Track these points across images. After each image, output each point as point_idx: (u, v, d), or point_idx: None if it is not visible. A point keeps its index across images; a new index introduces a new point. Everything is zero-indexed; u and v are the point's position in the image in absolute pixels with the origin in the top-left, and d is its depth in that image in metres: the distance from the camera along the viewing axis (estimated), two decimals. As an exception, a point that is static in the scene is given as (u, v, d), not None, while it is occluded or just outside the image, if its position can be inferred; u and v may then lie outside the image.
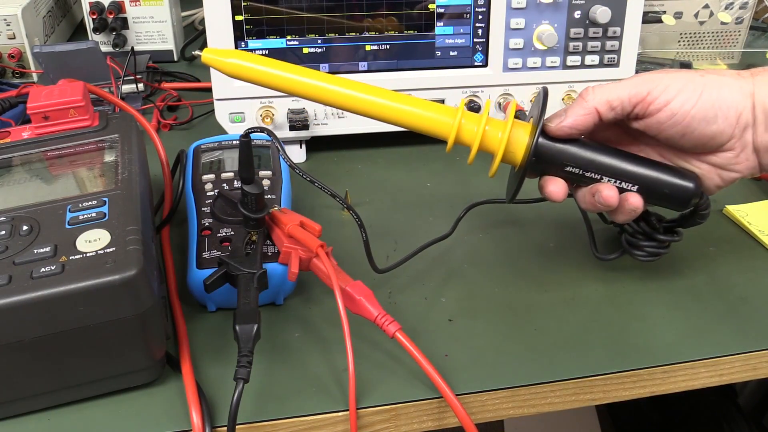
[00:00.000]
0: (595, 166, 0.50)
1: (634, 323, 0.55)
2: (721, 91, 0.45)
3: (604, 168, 0.50)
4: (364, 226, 0.56)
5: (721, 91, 0.45)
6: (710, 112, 0.45)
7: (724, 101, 0.45)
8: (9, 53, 0.92)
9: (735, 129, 0.46)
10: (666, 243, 0.57)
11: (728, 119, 0.45)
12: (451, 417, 0.49)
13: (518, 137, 0.50)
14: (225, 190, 0.60)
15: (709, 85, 0.46)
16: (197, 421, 0.45)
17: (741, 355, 0.53)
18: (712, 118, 0.45)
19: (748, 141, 0.46)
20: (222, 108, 0.74)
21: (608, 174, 0.50)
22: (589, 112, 0.48)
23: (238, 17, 0.71)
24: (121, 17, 0.98)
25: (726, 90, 0.45)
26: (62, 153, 0.55)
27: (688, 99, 0.45)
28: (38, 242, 0.45)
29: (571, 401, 0.51)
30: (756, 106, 0.45)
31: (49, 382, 0.45)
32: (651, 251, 0.57)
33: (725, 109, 0.45)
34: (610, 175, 0.50)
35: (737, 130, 0.46)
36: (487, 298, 0.58)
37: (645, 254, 0.57)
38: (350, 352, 0.46)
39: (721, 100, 0.45)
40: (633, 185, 0.50)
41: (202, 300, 0.55)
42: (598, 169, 0.50)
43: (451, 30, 0.74)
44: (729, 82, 0.46)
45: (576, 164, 0.50)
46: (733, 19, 0.98)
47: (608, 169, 0.50)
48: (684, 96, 0.46)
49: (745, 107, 0.45)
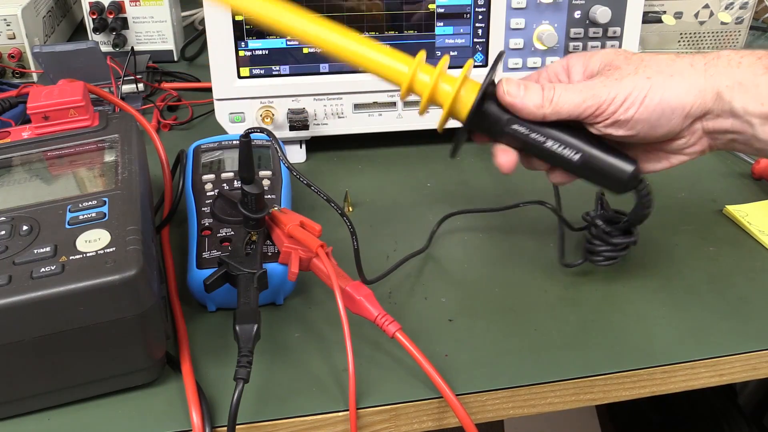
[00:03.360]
0: (539, 130, 0.49)
1: (634, 323, 0.55)
2: (666, 93, 0.45)
3: (548, 133, 0.49)
4: (356, 234, 0.55)
5: (666, 92, 0.45)
6: (653, 116, 0.45)
7: (669, 103, 0.45)
8: (9, 53, 0.92)
9: (683, 125, 0.46)
10: (621, 245, 0.57)
11: (673, 120, 0.46)
12: (451, 417, 0.49)
13: (467, 95, 0.49)
14: (225, 190, 0.60)
15: (654, 87, 0.45)
16: (197, 421, 0.45)
17: (741, 355, 0.53)
18: (656, 121, 0.45)
19: (697, 129, 0.47)
20: (222, 108, 0.74)
21: (552, 138, 0.49)
22: (539, 111, 0.47)
23: (238, 17, 0.71)
24: (121, 17, 0.98)
25: (672, 91, 0.45)
26: (62, 153, 0.55)
27: (632, 105, 0.46)
28: (38, 242, 0.45)
29: (571, 401, 0.51)
30: (707, 97, 0.45)
31: (49, 382, 0.45)
32: (608, 255, 0.58)
33: (669, 112, 0.45)
34: (554, 139, 0.49)
35: (685, 123, 0.46)
36: (487, 298, 0.58)
37: (603, 259, 0.58)
38: (350, 352, 0.46)
39: (666, 102, 0.45)
40: (575, 153, 0.49)
41: (202, 300, 0.55)
42: (541, 133, 0.49)
43: (451, 30, 0.74)
44: (677, 81, 0.45)
45: (520, 128, 0.49)
46: (733, 19, 0.98)
47: (552, 135, 0.49)
48: (629, 103, 0.46)
49: (693, 103, 0.45)
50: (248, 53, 0.72)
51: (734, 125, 0.45)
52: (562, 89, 0.48)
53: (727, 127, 0.46)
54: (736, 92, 0.45)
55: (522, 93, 0.48)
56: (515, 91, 0.48)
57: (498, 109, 0.50)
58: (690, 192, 0.71)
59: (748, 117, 0.45)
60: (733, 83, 0.45)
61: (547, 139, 0.50)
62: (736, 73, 0.45)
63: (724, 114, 0.45)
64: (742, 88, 0.44)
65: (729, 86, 0.45)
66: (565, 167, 0.51)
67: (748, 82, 0.44)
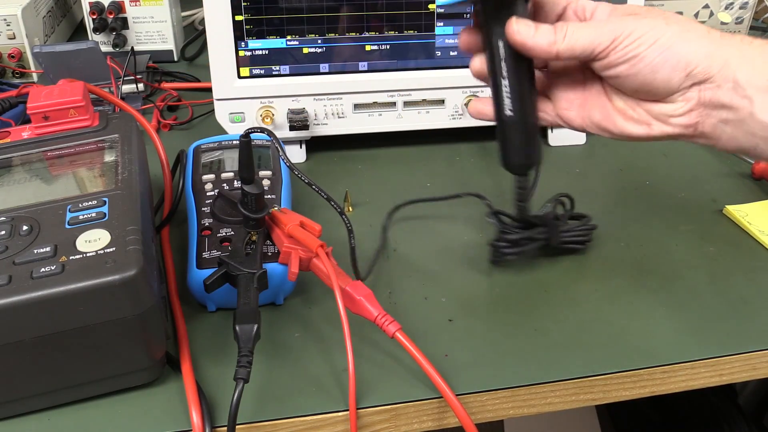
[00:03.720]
0: (510, 66, 0.49)
1: (634, 323, 0.55)
2: (678, 43, 0.45)
3: (513, 75, 0.49)
4: (353, 232, 0.56)
5: (679, 43, 0.45)
6: (659, 59, 0.45)
7: (678, 52, 0.45)
8: (9, 53, 0.92)
9: (682, 83, 0.45)
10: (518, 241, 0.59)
11: (676, 72, 0.45)
12: (451, 417, 0.49)
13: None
14: (225, 190, 0.60)
15: (669, 33, 0.45)
16: (197, 421, 0.45)
17: (741, 355, 0.53)
18: (660, 65, 0.45)
19: (692, 96, 0.45)
20: (222, 108, 0.74)
21: (511, 81, 0.49)
22: (553, 48, 0.46)
23: (238, 17, 0.71)
24: (121, 17, 0.98)
25: (685, 43, 0.45)
26: (62, 153, 0.55)
27: (644, 42, 0.45)
28: (38, 242, 0.45)
29: (571, 401, 0.51)
30: (713, 63, 0.44)
31: (49, 382, 0.45)
32: (503, 250, 0.59)
33: (675, 62, 0.45)
34: (511, 84, 0.49)
35: (685, 83, 0.45)
36: (487, 298, 0.58)
37: (497, 252, 0.59)
38: (350, 352, 0.46)
39: (676, 50, 0.45)
40: (512, 110, 0.49)
41: (202, 300, 0.55)
42: (509, 70, 0.49)
43: (451, 30, 0.74)
44: (692, 37, 0.45)
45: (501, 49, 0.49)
46: (733, 19, 0.98)
47: (513, 79, 0.49)
48: (642, 39, 0.45)
49: (700, 63, 0.44)
50: (248, 53, 0.72)
51: (733, 100, 0.44)
52: (575, 26, 0.47)
53: (725, 101, 0.44)
54: (743, 64, 0.44)
55: (532, 32, 0.47)
56: (525, 30, 0.47)
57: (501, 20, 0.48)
58: (690, 192, 0.71)
59: (751, 91, 0.44)
60: (742, 56, 0.44)
61: (507, 78, 0.49)
62: (746, 49, 0.45)
63: (725, 84, 0.44)
64: (750, 62, 0.44)
65: (737, 57, 0.44)
66: (496, 109, 0.51)
67: (756, 58, 0.44)
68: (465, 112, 0.77)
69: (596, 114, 0.49)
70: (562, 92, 0.51)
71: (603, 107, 0.49)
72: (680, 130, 0.47)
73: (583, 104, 0.50)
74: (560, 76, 0.51)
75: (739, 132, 0.45)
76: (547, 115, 0.52)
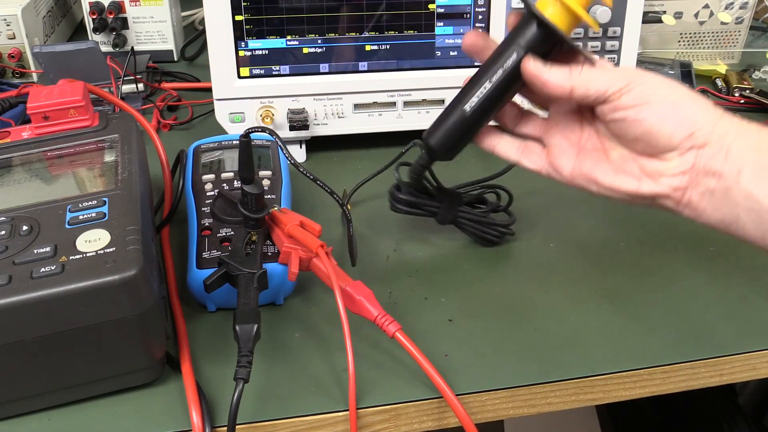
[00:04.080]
0: (502, 76, 0.50)
1: (634, 323, 0.55)
2: (687, 101, 0.46)
3: (495, 84, 0.50)
4: (351, 222, 0.56)
5: (688, 101, 0.46)
6: (669, 110, 0.45)
7: (686, 109, 0.45)
8: (9, 53, 0.92)
9: (684, 143, 0.45)
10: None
11: (681, 127, 0.45)
12: (451, 417, 0.49)
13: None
14: (225, 190, 0.60)
15: (680, 91, 0.46)
16: (197, 421, 0.45)
17: (741, 355, 0.53)
18: (668, 117, 0.45)
19: (689, 160, 0.45)
20: (222, 108, 0.74)
21: (491, 90, 0.51)
22: (567, 83, 0.47)
23: (238, 17, 0.71)
24: (121, 17, 0.98)
25: (692, 105, 0.45)
26: (62, 153, 0.55)
27: (657, 92, 0.46)
28: (38, 242, 0.45)
29: (571, 401, 0.51)
30: (714, 131, 0.45)
31: (49, 382, 0.45)
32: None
33: (681, 117, 0.45)
34: (490, 91, 0.51)
35: (686, 144, 0.45)
36: (487, 298, 0.58)
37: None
38: (350, 352, 0.46)
39: (684, 105, 0.45)
40: (472, 106, 0.51)
41: (202, 300, 0.55)
42: (499, 78, 0.50)
43: (451, 30, 0.74)
44: (699, 103, 0.46)
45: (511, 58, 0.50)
46: (733, 19, 0.98)
47: (493, 88, 0.51)
48: (655, 89, 0.46)
49: (704, 126, 0.45)
50: (248, 53, 0.72)
51: (723, 168, 0.44)
52: (589, 69, 0.47)
53: (716, 168, 0.44)
54: (739, 137, 0.44)
55: (547, 68, 0.48)
56: (539, 65, 0.48)
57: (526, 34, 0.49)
58: (690, 192, 0.71)
59: (741, 161, 0.44)
60: (739, 130, 0.45)
61: (492, 84, 0.50)
62: (744, 125, 0.45)
63: (720, 153, 0.44)
64: (744, 136, 0.44)
65: (735, 130, 0.45)
66: (459, 97, 0.52)
67: (751, 134, 0.45)
68: (465, 112, 0.77)
69: (588, 164, 0.49)
70: (558, 139, 0.51)
71: (597, 157, 0.49)
72: (669, 191, 0.46)
73: (577, 153, 0.50)
74: (558, 123, 0.52)
75: (722, 202, 0.45)
76: (538, 160, 0.52)
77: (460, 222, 0.62)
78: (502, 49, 0.50)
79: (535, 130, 0.53)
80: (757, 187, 0.43)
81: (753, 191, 0.43)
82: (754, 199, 0.43)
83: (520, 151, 0.53)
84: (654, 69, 0.94)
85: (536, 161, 0.52)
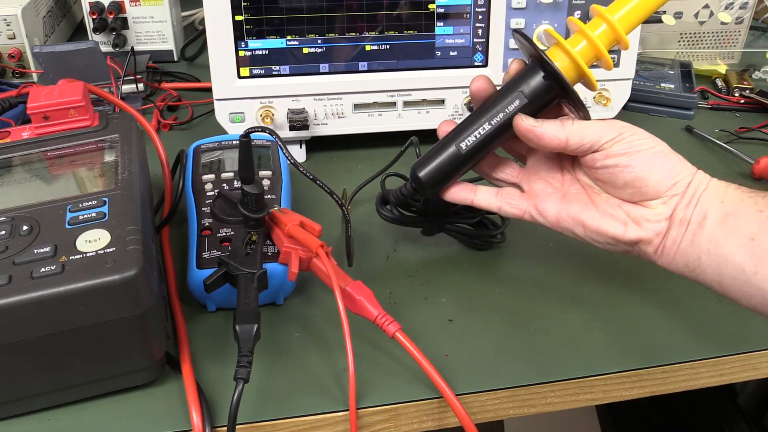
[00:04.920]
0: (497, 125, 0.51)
1: (634, 323, 0.55)
2: (671, 156, 0.48)
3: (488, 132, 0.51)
4: (350, 222, 0.56)
5: (672, 156, 0.48)
6: (657, 159, 0.48)
7: (671, 161, 0.48)
8: (9, 53, 0.92)
9: (668, 191, 0.48)
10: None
11: (668, 177, 0.48)
12: (451, 417, 0.49)
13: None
14: (225, 190, 0.60)
15: (665, 146, 0.49)
16: (197, 421, 0.45)
17: (741, 355, 0.53)
18: (657, 165, 0.48)
19: (672, 206, 0.48)
20: (222, 108, 0.74)
21: (482, 134, 0.51)
22: (562, 133, 0.49)
23: (238, 17, 0.71)
24: (121, 17, 0.98)
25: (675, 158, 0.48)
26: (62, 153, 0.55)
27: (645, 143, 0.48)
28: (38, 242, 0.45)
29: (571, 401, 0.51)
30: (694, 183, 0.48)
31: (49, 382, 0.45)
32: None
33: (669, 167, 0.48)
34: (481, 137, 0.51)
35: (670, 192, 0.48)
36: (487, 298, 0.58)
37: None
38: (350, 352, 0.46)
39: (669, 158, 0.48)
40: (466, 151, 0.51)
41: (202, 300, 0.55)
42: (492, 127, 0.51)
43: (451, 30, 0.74)
44: (680, 157, 0.49)
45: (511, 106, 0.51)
46: (733, 19, 0.98)
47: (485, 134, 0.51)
48: (644, 139, 0.48)
49: (684, 178, 0.48)
50: (248, 53, 0.72)
51: (693, 214, 0.47)
52: (579, 122, 0.49)
53: (687, 215, 0.47)
54: (708, 188, 0.48)
55: (539, 123, 0.49)
56: (532, 122, 0.50)
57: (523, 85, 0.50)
58: (690, 192, 0.71)
59: (707, 207, 0.47)
60: (708, 181, 0.48)
61: (491, 127, 0.51)
62: (712, 179, 0.48)
63: (693, 201, 0.47)
64: (714, 188, 0.48)
65: (706, 182, 0.48)
66: (455, 133, 0.52)
67: (719, 186, 0.48)
68: (465, 112, 0.77)
69: (575, 207, 0.50)
70: (541, 185, 0.53)
71: (583, 201, 0.51)
72: (652, 236, 0.48)
73: (561, 197, 0.51)
74: (539, 171, 0.53)
75: (688, 246, 0.47)
76: (519, 204, 0.53)
77: (448, 230, 0.62)
78: (503, 94, 0.51)
79: (512, 177, 0.54)
80: (718, 232, 0.46)
81: (715, 235, 0.46)
82: (715, 242, 0.46)
83: (499, 197, 0.53)
84: (654, 69, 0.95)
85: (517, 206, 0.53)
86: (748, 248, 0.45)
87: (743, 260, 0.44)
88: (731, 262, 0.45)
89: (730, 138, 0.82)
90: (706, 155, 0.79)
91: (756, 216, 0.45)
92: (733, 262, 0.45)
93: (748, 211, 0.46)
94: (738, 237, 0.45)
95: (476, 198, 0.54)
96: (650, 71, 0.94)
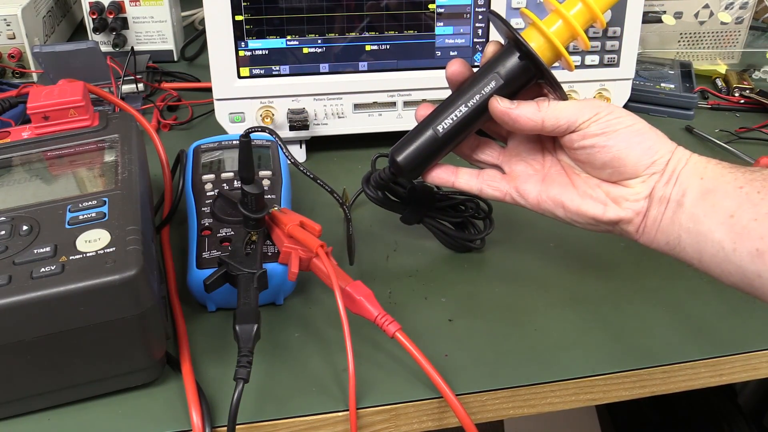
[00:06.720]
0: (473, 107, 0.51)
1: (634, 323, 0.55)
2: (649, 133, 0.48)
3: (465, 114, 0.51)
4: (351, 221, 0.57)
5: (650, 133, 0.48)
6: (635, 138, 0.47)
7: (648, 139, 0.48)
8: (9, 53, 0.92)
9: (647, 168, 0.47)
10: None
11: (646, 155, 0.47)
12: (451, 417, 0.49)
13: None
14: (225, 190, 0.60)
15: (642, 124, 0.48)
16: (197, 421, 0.45)
17: (741, 355, 0.53)
18: (635, 144, 0.47)
19: (650, 185, 0.47)
20: (222, 108, 0.74)
21: (460, 117, 0.51)
22: (537, 116, 0.48)
23: (238, 17, 0.71)
24: (121, 17, 0.98)
25: (653, 135, 0.48)
26: (62, 153, 0.55)
27: (624, 121, 0.48)
28: (38, 242, 0.45)
29: (571, 401, 0.51)
30: (673, 160, 0.47)
31: (49, 382, 0.45)
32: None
33: (647, 145, 0.47)
34: (459, 117, 0.51)
35: (649, 170, 0.47)
36: (487, 298, 0.58)
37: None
38: (350, 352, 0.46)
39: (651, 135, 0.48)
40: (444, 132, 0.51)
41: (202, 300, 0.55)
42: (468, 109, 0.51)
43: (451, 30, 0.74)
44: (659, 133, 0.48)
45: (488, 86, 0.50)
46: (733, 19, 0.98)
47: (463, 116, 0.51)
48: (622, 117, 0.48)
49: (663, 156, 0.47)
50: (248, 53, 0.72)
51: (672, 192, 0.47)
52: (556, 102, 0.49)
53: (667, 193, 0.47)
54: (688, 165, 0.47)
55: (514, 105, 0.49)
56: (507, 104, 0.49)
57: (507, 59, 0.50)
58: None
59: (686, 185, 0.46)
60: (689, 158, 0.48)
61: (467, 109, 0.50)
62: (693, 155, 0.48)
63: (672, 178, 0.47)
64: (693, 164, 0.47)
65: (685, 159, 0.48)
66: (431, 117, 0.52)
67: (698, 162, 0.47)
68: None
69: (555, 189, 0.50)
70: (521, 166, 0.53)
71: (563, 183, 0.50)
72: (632, 215, 0.48)
73: (542, 179, 0.51)
74: (520, 153, 0.53)
75: (669, 226, 0.47)
76: (500, 186, 0.53)
77: (427, 224, 0.62)
78: (479, 76, 0.51)
79: (492, 158, 0.54)
80: (697, 209, 0.46)
81: (694, 212, 0.46)
82: (695, 220, 0.46)
83: (480, 179, 0.53)
84: (654, 69, 0.95)
85: (498, 187, 0.53)
86: (727, 225, 0.44)
87: (722, 237, 0.44)
88: (711, 240, 0.45)
89: (730, 138, 0.83)
90: (706, 155, 0.78)
91: (735, 192, 0.45)
92: (713, 239, 0.45)
93: (727, 187, 0.45)
94: (717, 214, 0.45)
95: (457, 180, 0.54)
96: (650, 71, 0.94)
